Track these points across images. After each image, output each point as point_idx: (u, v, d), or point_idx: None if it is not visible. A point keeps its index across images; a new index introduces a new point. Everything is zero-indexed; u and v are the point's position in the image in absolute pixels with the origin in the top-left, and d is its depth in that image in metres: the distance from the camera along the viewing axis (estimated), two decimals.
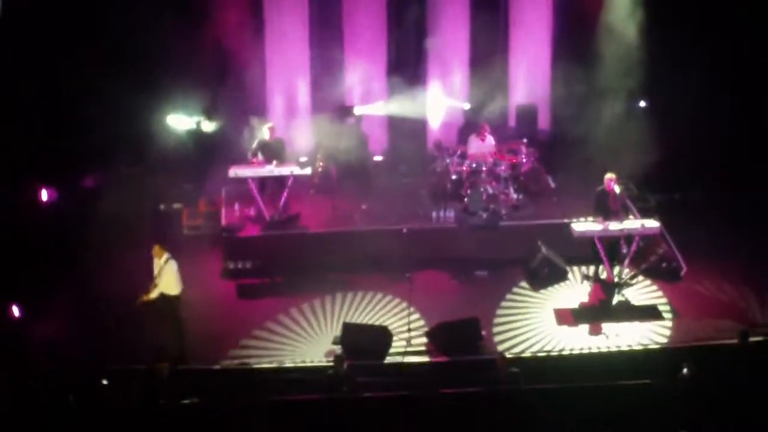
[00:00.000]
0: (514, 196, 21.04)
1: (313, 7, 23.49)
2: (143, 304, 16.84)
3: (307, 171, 20.52)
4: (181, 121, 22.59)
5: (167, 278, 16.90)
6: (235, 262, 19.87)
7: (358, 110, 23.50)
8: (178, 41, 21.37)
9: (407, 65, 23.94)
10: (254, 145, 20.67)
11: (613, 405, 14.47)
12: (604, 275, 18.87)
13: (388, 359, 16.91)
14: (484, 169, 20.98)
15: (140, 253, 18.65)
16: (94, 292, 18.78)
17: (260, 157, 20.45)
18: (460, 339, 17.08)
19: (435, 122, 24.25)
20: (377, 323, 17.87)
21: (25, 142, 19.72)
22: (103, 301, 18.38)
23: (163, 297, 16.91)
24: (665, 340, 17.43)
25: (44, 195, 19.95)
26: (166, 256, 16.99)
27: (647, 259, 19.51)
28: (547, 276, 19.36)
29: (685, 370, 14.96)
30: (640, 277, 19.30)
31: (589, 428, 14.30)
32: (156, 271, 16.99)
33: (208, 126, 22.84)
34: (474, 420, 14.46)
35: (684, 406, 14.53)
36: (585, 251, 19.03)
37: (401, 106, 23.58)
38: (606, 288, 18.66)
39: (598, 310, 18.30)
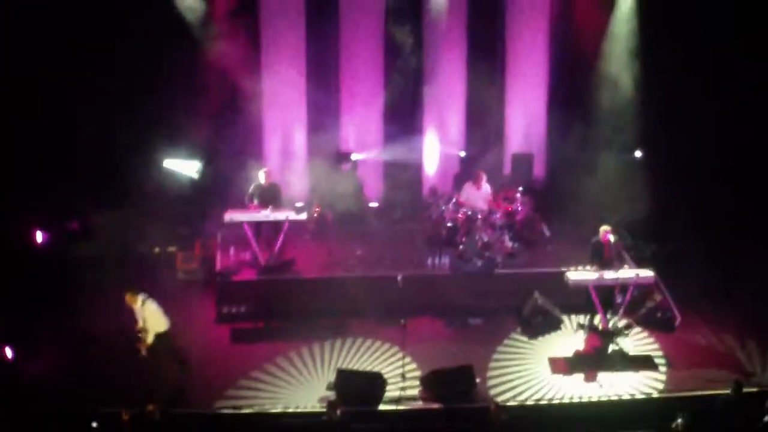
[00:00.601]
0: (510, 244, 21.04)
1: (310, 52, 23.55)
2: (147, 350, 16.83)
3: (303, 216, 20.51)
4: (177, 165, 22.65)
5: (152, 319, 16.90)
6: (229, 306, 19.80)
7: (354, 156, 23.56)
8: (174, 84, 21.48)
9: (404, 112, 23.97)
10: (250, 189, 20.70)
11: None
12: (598, 324, 18.87)
13: (382, 406, 16.83)
14: (479, 216, 21.02)
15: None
16: (87, 333, 18.68)
17: (256, 201, 20.46)
18: (454, 386, 17.02)
19: (431, 169, 24.33)
20: (371, 369, 17.78)
21: (20, 183, 19.80)
22: (95, 342, 18.35)
23: (156, 337, 16.90)
24: (659, 390, 17.37)
25: (38, 236, 19.97)
26: (140, 298, 16.96)
27: (642, 308, 19.51)
28: (540, 324, 19.35)
29: (679, 421, 14.93)
30: (635, 327, 19.28)
31: None
32: (138, 316, 17.00)
33: (204, 170, 22.90)
34: None
35: None
36: (580, 300, 19.02)
37: (397, 152, 23.66)
38: (601, 337, 18.65)
39: (593, 359, 18.25)
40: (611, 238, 18.68)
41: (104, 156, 21.27)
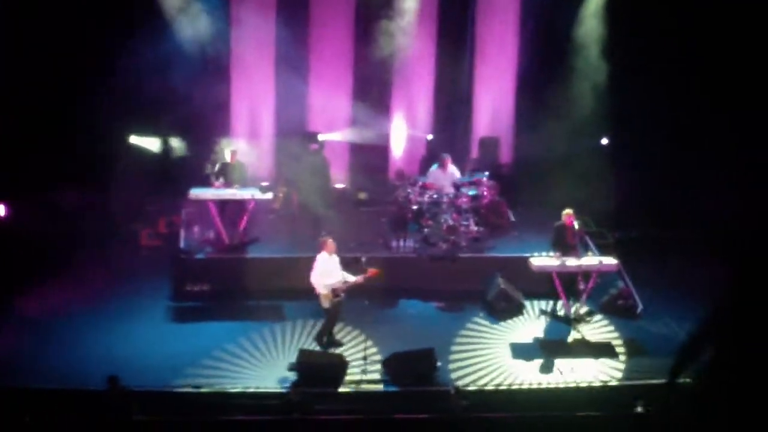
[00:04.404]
0: (474, 228, 21.05)
1: (280, 31, 23.52)
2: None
3: (268, 196, 20.50)
4: (143, 141, 22.55)
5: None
6: (192, 284, 19.73)
7: (321, 137, 23.51)
8: (141, 59, 21.31)
9: (372, 94, 23.97)
10: (216, 167, 20.61)
11: None
12: (561, 311, 18.95)
13: (342, 388, 16.81)
14: (445, 200, 21.02)
15: (97, 272, 19.42)
16: (45, 309, 18.63)
17: (221, 180, 20.38)
18: (415, 369, 17.00)
19: (398, 151, 24.32)
20: (333, 351, 17.76)
21: None
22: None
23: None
24: (619, 377, 17.43)
25: (1, 210, 19.84)
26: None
27: (604, 296, 19.56)
28: (503, 309, 19.38)
29: (638, 408, 15.00)
30: (597, 314, 19.33)
31: None
32: (330, 265, 17.46)
33: (170, 147, 22.83)
34: None
35: None
36: (543, 286, 19.10)
37: (364, 134, 23.64)
38: (562, 323, 18.72)
39: (554, 346, 18.30)
40: (575, 223, 18.74)
41: (69, 131, 21.13)
